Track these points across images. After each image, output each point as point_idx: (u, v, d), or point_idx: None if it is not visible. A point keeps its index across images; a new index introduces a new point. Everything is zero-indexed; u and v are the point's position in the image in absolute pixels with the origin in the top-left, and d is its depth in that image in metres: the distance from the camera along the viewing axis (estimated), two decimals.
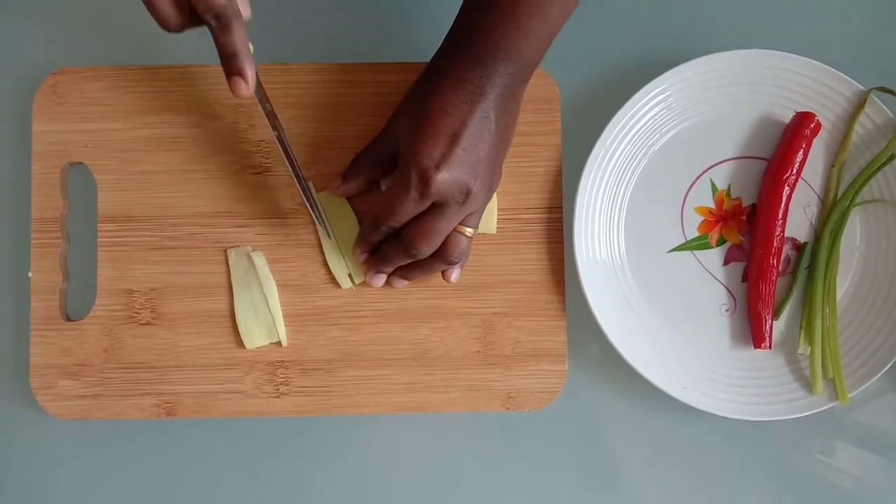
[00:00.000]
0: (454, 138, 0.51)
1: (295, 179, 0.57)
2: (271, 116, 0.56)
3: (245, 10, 0.52)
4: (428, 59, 0.55)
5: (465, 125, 0.51)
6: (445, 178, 0.51)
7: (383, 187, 0.60)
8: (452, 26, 0.54)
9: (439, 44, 0.55)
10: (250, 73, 0.51)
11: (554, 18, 0.51)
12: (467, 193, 0.52)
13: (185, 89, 0.61)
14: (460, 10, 0.53)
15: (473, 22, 0.52)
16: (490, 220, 0.60)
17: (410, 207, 0.53)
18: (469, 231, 0.55)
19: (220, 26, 0.50)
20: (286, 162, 0.57)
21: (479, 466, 0.61)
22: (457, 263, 0.57)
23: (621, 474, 0.62)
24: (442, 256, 0.56)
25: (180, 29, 0.51)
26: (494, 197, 0.60)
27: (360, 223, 0.60)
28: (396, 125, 0.55)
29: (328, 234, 0.59)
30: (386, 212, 0.54)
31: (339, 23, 0.64)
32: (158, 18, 0.50)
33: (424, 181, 0.51)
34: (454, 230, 0.55)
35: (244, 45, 0.51)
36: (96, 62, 0.61)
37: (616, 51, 0.63)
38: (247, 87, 0.51)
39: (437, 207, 0.53)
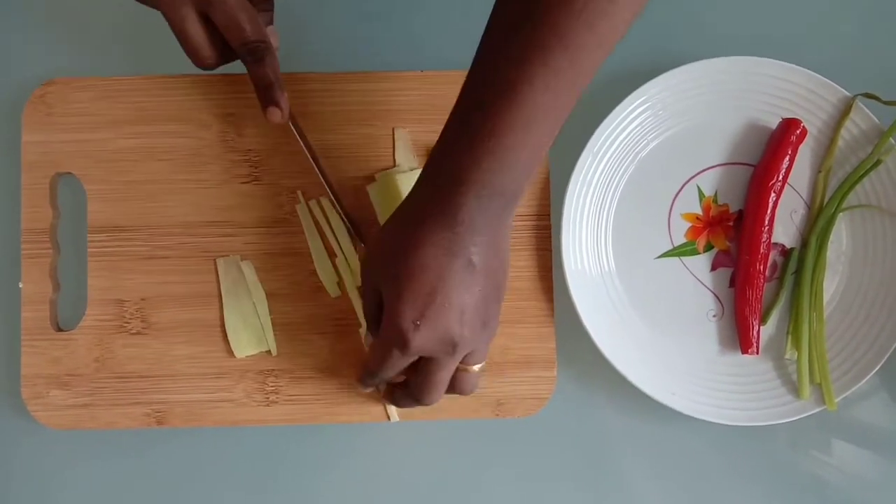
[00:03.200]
0: (432, 295, 0.47)
1: (328, 190, 0.59)
2: (303, 137, 0.59)
3: (275, 41, 0.55)
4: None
5: (444, 280, 0.47)
6: (425, 338, 0.48)
7: None
8: (431, 155, 0.48)
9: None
10: (284, 103, 0.55)
11: (541, 144, 0.47)
12: (454, 346, 0.49)
13: (174, 99, 0.61)
14: (439, 139, 0.48)
15: (453, 155, 0.47)
16: None
17: (396, 363, 0.51)
18: (476, 368, 0.53)
19: (254, 60, 0.53)
20: (319, 175, 0.59)
21: (468, 473, 0.62)
22: (471, 393, 0.55)
23: (611, 481, 0.62)
24: (454, 392, 0.54)
25: (216, 65, 0.54)
26: None
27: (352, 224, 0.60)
28: (375, 271, 0.51)
29: (360, 242, 0.60)
30: (376, 365, 0.52)
31: (343, 32, 0.64)
32: (196, 57, 0.53)
33: (403, 342, 0.48)
34: (459, 370, 0.52)
35: (277, 76, 0.54)
36: (85, 72, 0.61)
37: None
38: (282, 116, 0.55)
39: (428, 360, 0.51)
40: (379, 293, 0.50)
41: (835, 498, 0.62)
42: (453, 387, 0.53)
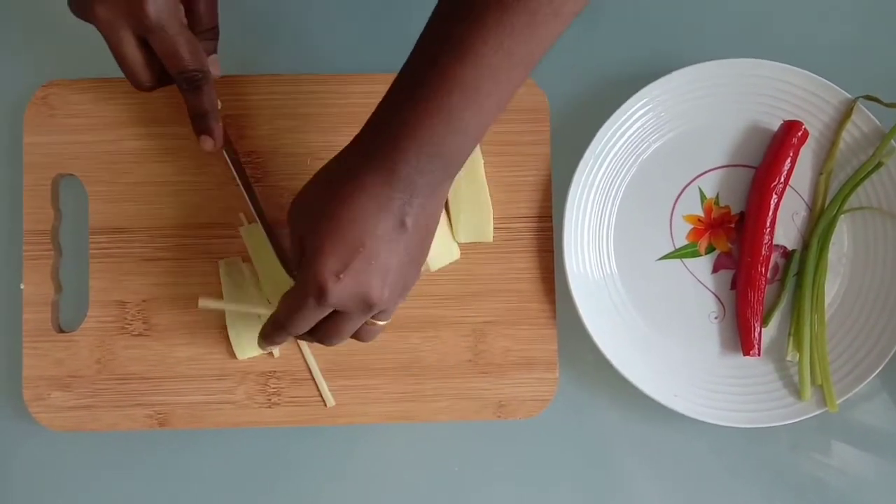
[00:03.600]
0: (358, 250, 0.46)
1: (260, 222, 0.58)
2: (236, 165, 0.59)
3: (215, 70, 0.57)
4: None
5: (373, 237, 0.46)
6: (344, 290, 0.47)
7: None
8: (375, 110, 0.47)
9: None
10: (217, 132, 0.56)
11: (487, 112, 0.45)
12: (370, 305, 0.48)
13: (176, 100, 0.61)
14: (385, 96, 0.47)
15: (398, 112, 0.46)
16: (486, 228, 0.61)
17: (309, 316, 0.49)
18: (382, 323, 0.52)
19: (190, 89, 0.54)
20: (252, 208, 0.58)
21: (470, 475, 0.62)
22: (370, 341, 0.53)
23: (613, 482, 0.62)
24: (357, 339, 0.53)
25: (152, 89, 0.55)
26: (490, 204, 0.60)
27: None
28: (300, 218, 0.49)
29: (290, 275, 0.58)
30: (285, 317, 0.49)
31: (342, 34, 0.64)
32: (132, 79, 0.54)
33: (321, 294, 0.47)
34: (366, 323, 0.51)
35: (212, 105, 0.55)
36: (87, 74, 0.61)
37: (604, 61, 0.63)
38: (213, 145, 0.56)
39: (339, 313, 0.49)
40: (301, 241, 0.49)
41: (835, 500, 0.62)
42: (358, 335, 0.52)
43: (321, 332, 0.51)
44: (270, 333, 0.52)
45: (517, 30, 0.43)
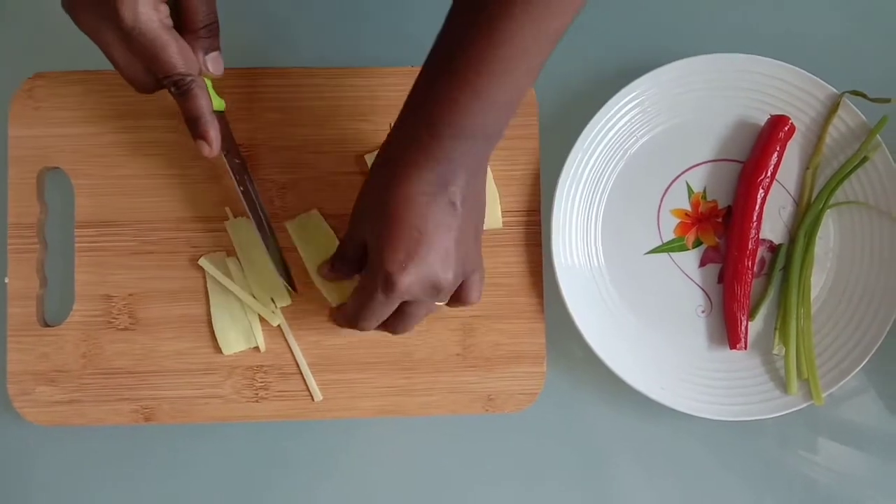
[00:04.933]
0: (417, 237, 0.48)
1: (258, 231, 0.57)
2: (238, 171, 0.57)
3: (216, 68, 0.54)
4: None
5: (427, 220, 0.48)
6: (412, 280, 0.48)
7: None
8: (409, 98, 0.49)
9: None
10: (214, 135, 0.53)
11: (520, 82, 0.46)
12: (437, 289, 0.49)
13: (164, 93, 0.60)
14: (416, 81, 0.48)
15: (431, 97, 0.47)
16: (495, 215, 0.61)
17: (379, 310, 0.51)
18: (442, 303, 0.53)
19: (179, 94, 0.51)
20: (250, 215, 0.57)
21: (459, 469, 0.62)
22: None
23: (601, 475, 0.62)
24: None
25: (153, 91, 0.53)
26: (496, 191, 0.60)
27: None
28: (361, 221, 0.52)
29: (291, 288, 0.59)
30: (357, 312, 0.52)
31: (334, 27, 0.64)
32: (130, 83, 0.52)
33: (390, 286, 0.48)
34: (451, 303, 0.53)
35: (207, 109, 0.52)
36: (73, 66, 0.61)
37: (592, 55, 0.63)
38: (210, 150, 0.53)
39: (409, 303, 0.51)
40: (363, 245, 0.51)
41: (822, 494, 0.63)
42: (423, 316, 0.54)
43: (393, 324, 0.53)
44: (343, 323, 0.54)
45: (543, 3, 0.44)
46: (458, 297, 0.52)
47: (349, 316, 0.53)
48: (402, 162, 0.48)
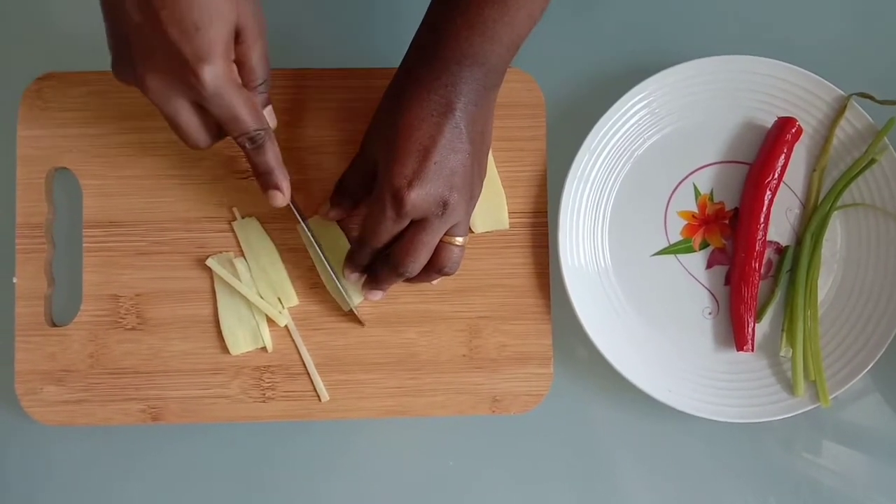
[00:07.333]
0: (425, 154, 0.51)
1: (316, 245, 0.59)
2: (302, 217, 0.58)
3: (272, 121, 0.54)
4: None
5: (434, 139, 0.51)
6: (419, 195, 0.51)
7: None
8: (417, 33, 0.53)
9: None
10: (285, 185, 0.54)
11: (520, 23, 0.51)
12: (445, 206, 0.52)
13: None
14: (425, 17, 0.53)
15: (437, 28, 0.51)
16: (501, 216, 0.61)
17: (389, 227, 0.53)
18: (459, 240, 0.55)
19: (254, 148, 0.52)
20: (304, 226, 0.59)
21: (465, 470, 0.62)
22: (451, 273, 0.56)
23: (607, 477, 0.62)
24: (435, 268, 0.55)
25: (209, 146, 0.52)
26: (503, 192, 0.61)
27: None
28: (371, 143, 0.55)
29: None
30: (367, 233, 0.54)
31: (343, 28, 0.64)
32: (189, 143, 0.51)
33: (398, 200, 0.51)
34: (443, 241, 0.54)
35: (279, 160, 0.53)
36: (81, 67, 0.61)
37: (600, 56, 0.63)
38: (283, 199, 0.54)
39: (417, 224, 0.53)
40: (374, 164, 0.54)
41: (826, 496, 0.63)
42: (437, 260, 0.55)
43: (402, 252, 0.53)
44: (355, 252, 0.56)
45: None
46: (450, 232, 0.54)
47: (360, 236, 0.55)
48: (412, 85, 0.51)
